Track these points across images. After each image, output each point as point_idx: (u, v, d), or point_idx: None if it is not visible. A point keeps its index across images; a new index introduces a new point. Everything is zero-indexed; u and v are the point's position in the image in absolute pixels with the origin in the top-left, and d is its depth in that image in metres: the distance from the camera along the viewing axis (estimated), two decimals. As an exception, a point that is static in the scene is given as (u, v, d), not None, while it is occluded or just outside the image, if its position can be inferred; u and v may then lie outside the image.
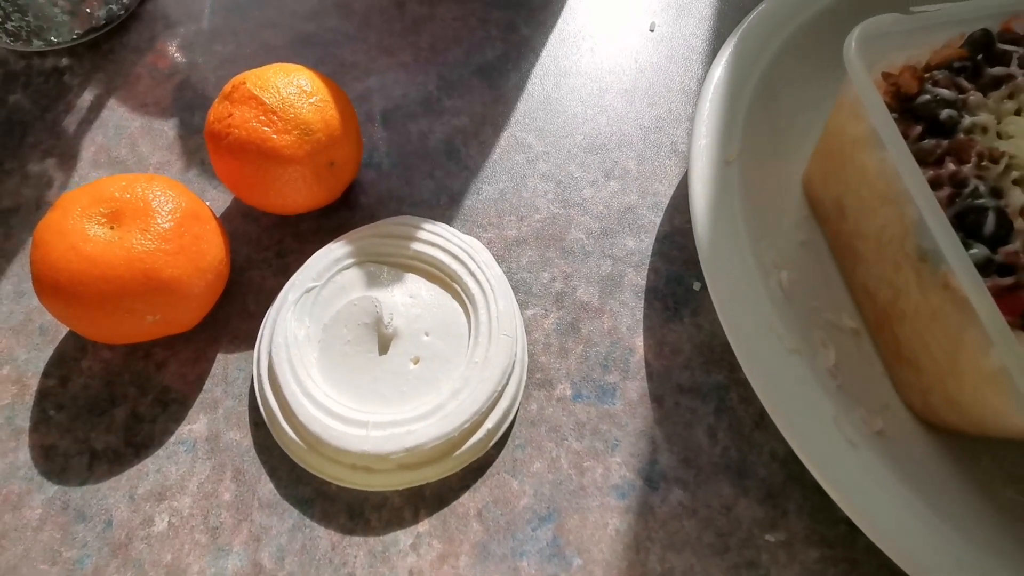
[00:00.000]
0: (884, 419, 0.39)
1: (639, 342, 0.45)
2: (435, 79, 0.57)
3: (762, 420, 0.42)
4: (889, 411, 0.40)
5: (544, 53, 0.58)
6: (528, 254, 0.48)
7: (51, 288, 0.38)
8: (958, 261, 0.32)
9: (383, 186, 0.51)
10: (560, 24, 0.60)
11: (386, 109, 0.55)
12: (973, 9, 0.39)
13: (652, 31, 0.59)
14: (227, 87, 0.44)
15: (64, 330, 0.46)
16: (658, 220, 0.50)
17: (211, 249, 0.42)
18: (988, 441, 0.39)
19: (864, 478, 0.36)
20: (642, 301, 0.47)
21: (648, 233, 0.49)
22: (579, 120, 0.54)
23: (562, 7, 0.61)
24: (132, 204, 0.40)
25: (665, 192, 0.51)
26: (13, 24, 0.55)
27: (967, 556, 0.34)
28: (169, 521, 0.40)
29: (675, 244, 0.49)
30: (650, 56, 0.58)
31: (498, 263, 0.47)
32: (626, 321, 0.46)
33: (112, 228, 0.40)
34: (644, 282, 0.47)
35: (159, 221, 0.40)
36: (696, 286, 0.47)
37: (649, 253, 0.48)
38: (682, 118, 0.54)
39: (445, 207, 0.50)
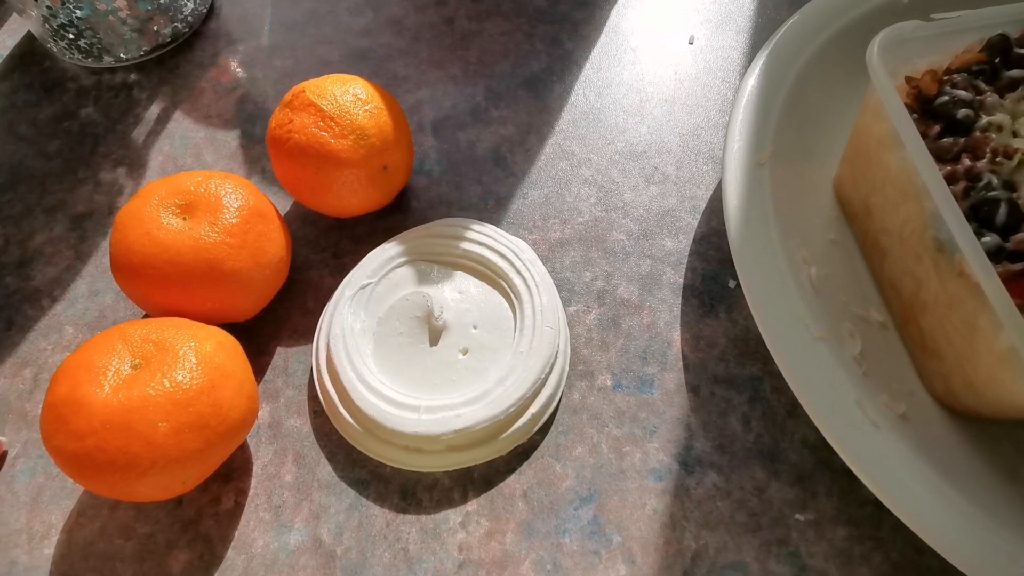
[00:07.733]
0: (908, 405, 0.41)
1: (676, 336, 0.47)
2: (483, 91, 0.59)
3: (794, 409, 0.44)
4: (913, 398, 0.42)
5: (587, 66, 0.61)
6: (571, 254, 0.51)
7: (125, 267, 0.41)
8: (970, 249, 0.34)
9: (434, 191, 0.54)
10: (603, 38, 0.62)
11: (436, 119, 0.58)
12: (992, 16, 0.41)
13: (691, 44, 0.61)
14: (287, 96, 0.47)
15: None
16: (695, 222, 0.52)
17: (272, 247, 0.45)
18: (1009, 426, 0.41)
19: (887, 456, 0.38)
20: (680, 298, 0.49)
21: (686, 234, 0.51)
22: (620, 129, 0.57)
23: (604, 22, 0.63)
24: (205, 198, 0.43)
25: (703, 196, 0.53)
26: (85, 42, 0.58)
27: (986, 531, 0.36)
28: (235, 500, 0.42)
29: (711, 245, 0.51)
30: (689, 68, 0.60)
31: (542, 263, 0.49)
32: (664, 317, 0.48)
33: (184, 219, 0.42)
34: (682, 280, 0.49)
35: (227, 216, 0.43)
36: (731, 284, 0.49)
37: (687, 253, 0.50)
38: (719, 126, 0.56)
39: (492, 211, 0.53)
